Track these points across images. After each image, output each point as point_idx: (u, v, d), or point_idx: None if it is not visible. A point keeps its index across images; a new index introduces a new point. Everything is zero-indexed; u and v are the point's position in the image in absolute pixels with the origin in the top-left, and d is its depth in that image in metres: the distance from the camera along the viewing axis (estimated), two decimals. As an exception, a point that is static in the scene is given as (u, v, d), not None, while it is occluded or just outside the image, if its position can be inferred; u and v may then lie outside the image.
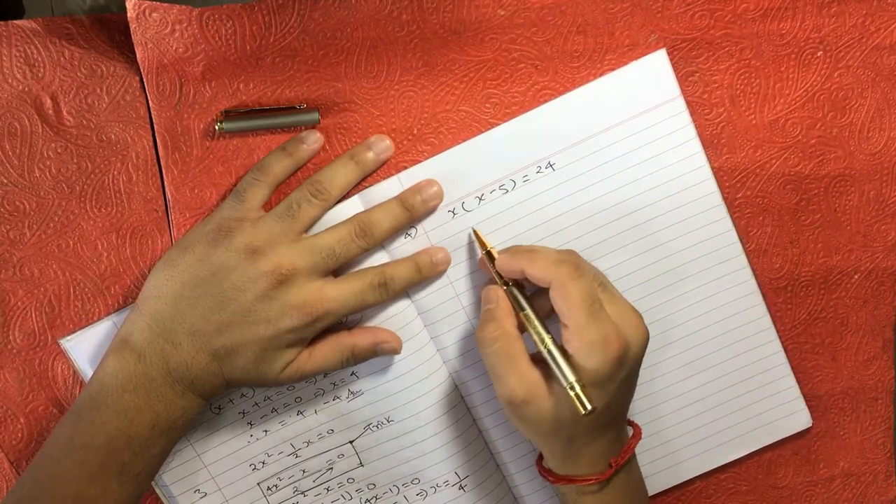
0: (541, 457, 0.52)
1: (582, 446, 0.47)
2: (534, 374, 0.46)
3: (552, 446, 0.48)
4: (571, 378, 0.44)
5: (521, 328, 0.48)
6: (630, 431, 0.51)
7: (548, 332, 0.46)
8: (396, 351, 0.51)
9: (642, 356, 0.47)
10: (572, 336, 0.45)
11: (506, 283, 0.49)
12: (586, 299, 0.45)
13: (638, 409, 0.55)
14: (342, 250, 0.48)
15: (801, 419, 0.57)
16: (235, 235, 0.47)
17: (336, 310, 0.48)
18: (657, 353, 0.55)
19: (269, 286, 0.46)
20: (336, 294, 0.48)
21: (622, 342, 0.45)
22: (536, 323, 0.47)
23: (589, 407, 0.44)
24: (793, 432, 0.57)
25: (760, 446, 0.57)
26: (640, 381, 0.54)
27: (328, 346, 0.49)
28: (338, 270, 0.50)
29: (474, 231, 0.51)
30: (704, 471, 0.57)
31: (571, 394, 0.44)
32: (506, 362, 0.46)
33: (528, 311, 0.48)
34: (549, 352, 0.45)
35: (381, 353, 0.51)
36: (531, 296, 0.49)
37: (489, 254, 0.50)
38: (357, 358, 0.50)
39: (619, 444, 0.49)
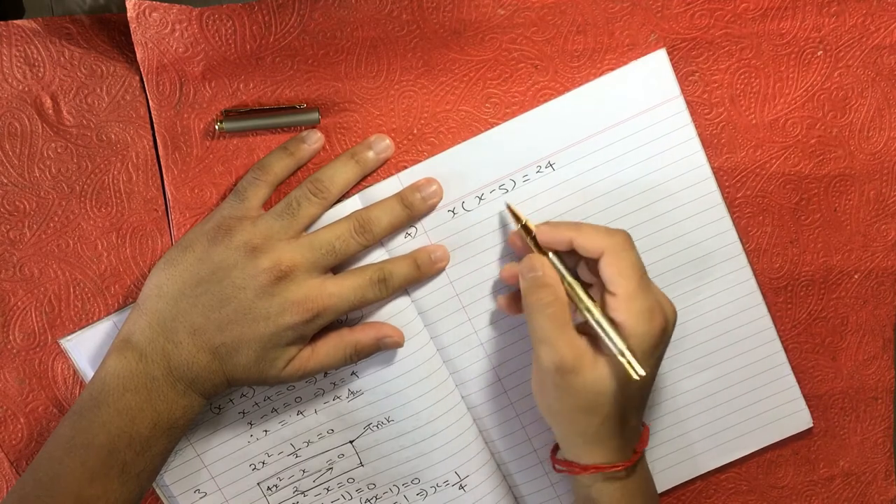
0: (554, 450, 0.51)
1: (614, 427, 0.47)
2: (582, 342, 0.46)
3: (584, 426, 0.47)
4: (621, 345, 0.44)
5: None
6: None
7: (594, 301, 0.46)
8: (399, 344, 0.51)
9: (672, 335, 0.48)
10: (620, 304, 0.45)
11: (547, 254, 0.48)
12: (637, 270, 0.45)
13: (638, 409, 0.55)
14: (341, 247, 0.48)
15: (801, 419, 0.57)
16: (235, 234, 0.47)
17: (336, 305, 0.48)
18: (657, 353, 0.55)
19: (268, 282, 0.46)
20: (336, 290, 0.48)
21: (664, 317, 0.45)
22: (581, 292, 0.47)
23: (641, 372, 0.43)
24: (793, 432, 0.57)
25: (761, 446, 0.57)
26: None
27: (331, 343, 0.49)
28: (337, 268, 0.50)
29: (508, 205, 0.50)
30: (705, 471, 0.57)
31: (622, 360, 0.44)
32: (558, 328, 0.46)
33: (572, 280, 0.47)
34: (598, 321, 0.45)
35: (384, 347, 0.51)
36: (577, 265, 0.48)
37: (526, 226, 0.49)
38: (360, 354, 0.50)
39: (638, 433, 0.49)
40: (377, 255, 0.51)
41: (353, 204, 0.50)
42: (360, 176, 0.50)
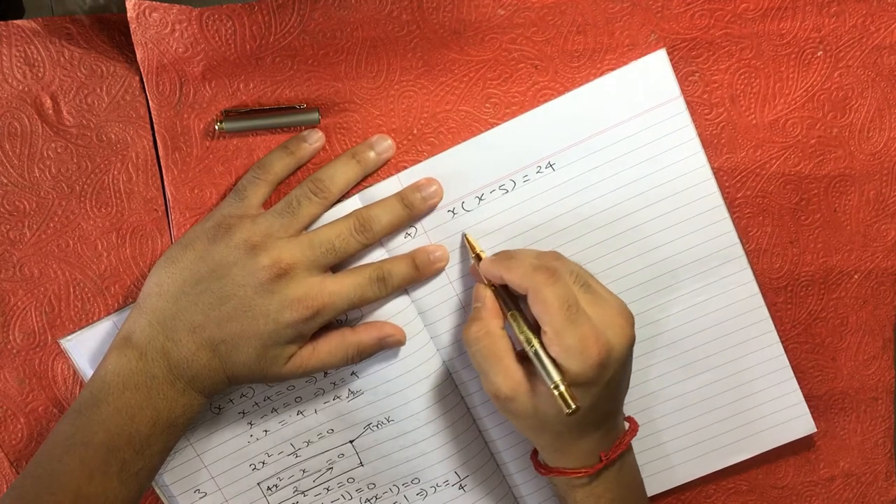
0: (535, 451, 0.52)
1: (569, 443, 0.48)
2: (518, 372, 0.46)
3: (541, 440, 0.49)
4: (556, 378, 0.44)
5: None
6: (627, 426, 0.51)
7: (535, 333, 0.46)
8: (401, 343, 0.51)
9: (628, 357, 0.47)
10: (551, 341, 0.45)
11: (493, 285, 0.49)
12: (562, 305, 0.45)
13: (638, 410, 0.55)
14: (341, 245, 0.48)
15: (803, 424, 0.56)
16: (235, 232, 0.47)
17: (335, 303, 0.48)
18: (657, 354, 0.55)
19: (268, 280, 0.46)
20: (336, 287, 0.48)
21: (602, 345, 0.45)
22: (523, 323, 0.47)
23: (573, 406, 0.44)
24: (795, 438, 0.56)
25: (762, 451, 0.56)
26: (639, 381, 0.54)
27: (333, 342, 0.49)
28: (337, 267, 0.50)
29: (465, 236, 0.51)
30: (705, 474, 0.57)
31: (555, 393, 0.44)
32: (491, 360, 0.47)
33: (515, 311, 0.48)
34: (535, 353, 0.45)
35: (387, 346, 0.51)
36: (520, 297, 0.49)
37: (478, 257, 0.50)
38: (363, 354, 0.50)
39: (612, 438, 0.49)
40: (377, 255, 0.51)
41: (352, 204, 0.50)
42: (361, 176, 0.50)
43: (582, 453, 0.48)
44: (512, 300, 0.48)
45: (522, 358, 0.47)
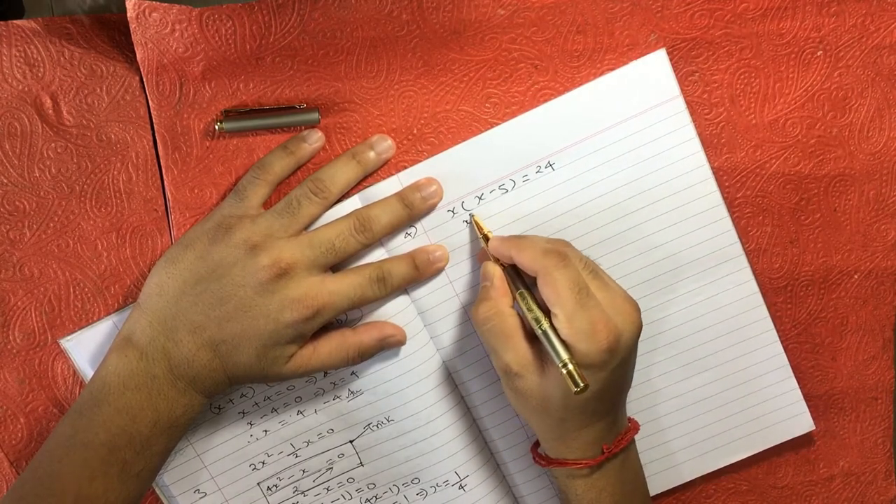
0: (536, 443, 0.52)
1: (573, 430, 0.48)
2: (528, 350, 0.47)
3: (544, 425, 0.48)
4: (565, 356, 0.44)
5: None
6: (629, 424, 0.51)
7: (545, 312, 0.46)
8: (402, 343, 0.51)
9: (635, 345, 0.47)
10: (562, 324, 0.45)
11: (502, 264, 0.49)
12: (573, 287, 0.45)
13: (638, 409, 0.55)
14: (341, 245, 0.48)
15: (802, 422, 0.56)
16: (235, 232, 0.47)
17: (335, 303, 0.48)
18: (657, 353, 0.55)
19: (268, 279, 0.46)
20: (336, 287, 0.48)
21: (612, 330, 0.45)
22: (532, 302, 0.47)
23: (581, 384, 0.44)
24: (794, 436, 0.57)
25: (761, 449, 0.57)
26: (639, 380, 0.54)
27: (333, 343, 0.49)
28: (336, 267, 0.50)
29: (472, 217, 0.51)
30: (704, 473, 0.57)
31: (563, 372, 0.44)
32: (501, 339, 0.47)
33: (524, 290, 0.48)
34: (544, 332, 0.46)
35: (388, 347, 0.51)
36: (529, 279, 0.48)
37: (486, 237, 0.50)
38: (364, 356, 0.50)
39: (614, 432, 0.49)
40: (377, 255, 0.51)
41: (352, 204, 0.50)
42: (361, 176, 0.50)
43: (584, 444, 0.48)
44: (520, 280, 0.48)
45: (532, 339, 0.47)
